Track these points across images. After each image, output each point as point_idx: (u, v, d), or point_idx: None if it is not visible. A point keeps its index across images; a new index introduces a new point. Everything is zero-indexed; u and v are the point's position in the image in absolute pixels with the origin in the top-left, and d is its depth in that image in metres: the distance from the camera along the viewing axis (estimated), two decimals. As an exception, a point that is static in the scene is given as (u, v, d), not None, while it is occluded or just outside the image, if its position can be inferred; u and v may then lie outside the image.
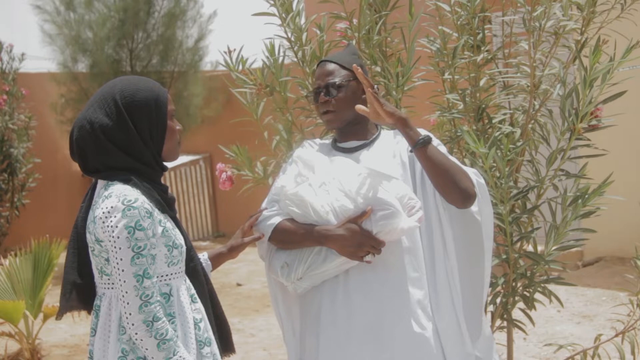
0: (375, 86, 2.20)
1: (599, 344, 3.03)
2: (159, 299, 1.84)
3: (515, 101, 2.97)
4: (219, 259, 2.26)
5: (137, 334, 1.81)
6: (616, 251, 6.50)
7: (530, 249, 2.83)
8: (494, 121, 2.85)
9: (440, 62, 2.96)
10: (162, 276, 1.91)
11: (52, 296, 5.68)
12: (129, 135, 1.90)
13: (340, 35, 3.01)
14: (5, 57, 8.62)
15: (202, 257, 2.20)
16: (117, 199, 1.83)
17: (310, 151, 2.35)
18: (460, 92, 2.92)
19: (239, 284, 7.28)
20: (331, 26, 2.98)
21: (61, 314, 2.01)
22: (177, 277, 1.95)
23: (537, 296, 2.87)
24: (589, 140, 2.68)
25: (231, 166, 2.94)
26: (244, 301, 6.60)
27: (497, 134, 2.77)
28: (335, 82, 2.29)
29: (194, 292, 2.01)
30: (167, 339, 1.82)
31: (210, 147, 10.08)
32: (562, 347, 3.12)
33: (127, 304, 1.81)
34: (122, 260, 1.81)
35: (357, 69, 2.15)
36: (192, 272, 2.03)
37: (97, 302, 1.95)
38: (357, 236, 2.09)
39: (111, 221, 1.82)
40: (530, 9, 2.67)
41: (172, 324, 1.89)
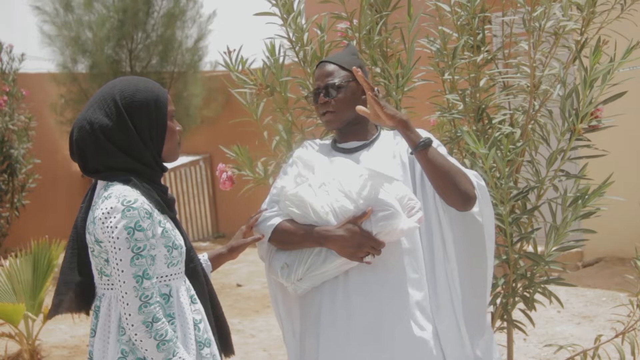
0: (375, 88, 2.19)
1: (599, 345, 3.03)
2: (159, 300, 1.84)
3: (515, 101, 2.97)
4: (219, 260, 2.26)
5: (136, 334, 1.80)
6: (616, 252, 6.49)
7: (530, 249, 2.82)
8: (494, 121, 2.85)
9: (440, 62, 2.95)
10: (161, 277, 1.90)
11: (52, 297, 5.66)
12: (128, 135, 1.90)
13: (340, 35, 3.01)
14: (5, 58, 8.63)
15: (202, 257, 2.20)
16: (117, 200, 1.83)
17: (310, 152, 2.35)
18: (460, 92, 2.92)
19: (239, 285, 7.27)
20: (332, 26, 2.98)
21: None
22: (177, 277, 1.95)
23: (537, 297, 2.87)
24: (589, 140, 2.68)
25: (232, 166, 2.93)
26: (244, 302, 6.60)
27: (497, 134, 2.77)
28: (334, 83, 2.29)
29: (193, 292, 2.01)
30: (167, 339, 1.81)
31: (210, 147, 10.08)
32: (562, 347, 3.12)
33: (126, 304, 1.80)
34: (121, 260, 1.80)
35: (357, 71, 2.14)
36: (192, 272, 2.02)
37: (96, 302, 1.95)
38: (357, 237, 2.09)
39: (111, 222, 1.81)
40: (530, 9, 2.67)
41: (172, 324, 1.88)
